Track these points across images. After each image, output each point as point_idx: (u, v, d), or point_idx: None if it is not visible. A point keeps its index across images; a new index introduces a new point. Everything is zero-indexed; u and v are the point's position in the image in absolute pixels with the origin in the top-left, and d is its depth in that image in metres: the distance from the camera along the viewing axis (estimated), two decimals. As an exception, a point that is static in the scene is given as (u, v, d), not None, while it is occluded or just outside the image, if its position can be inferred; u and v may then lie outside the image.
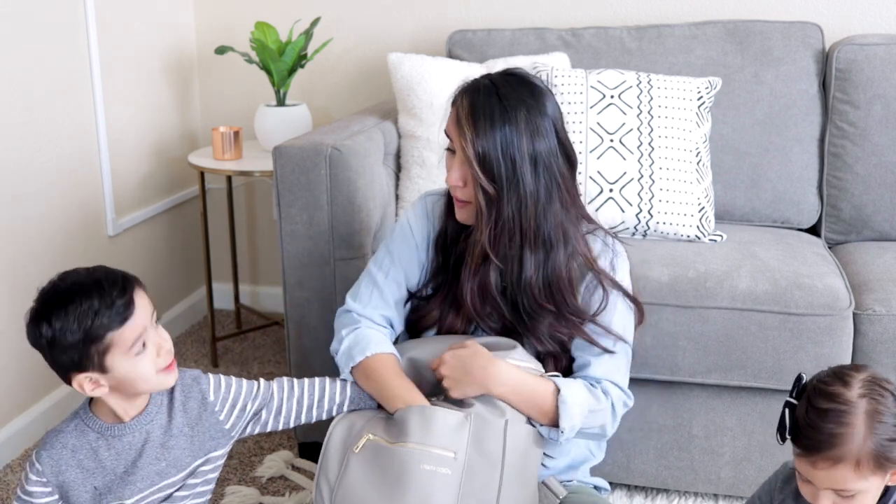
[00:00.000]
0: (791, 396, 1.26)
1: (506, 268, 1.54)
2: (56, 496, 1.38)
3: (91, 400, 1.40)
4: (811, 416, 1.21)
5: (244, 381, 1.50)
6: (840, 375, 1.23)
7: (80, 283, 1.30)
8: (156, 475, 1.40)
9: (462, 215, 1.57)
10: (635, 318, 1.63)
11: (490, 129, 1.47)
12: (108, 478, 1.38)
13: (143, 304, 1.33)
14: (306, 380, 1.55)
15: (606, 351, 1.55)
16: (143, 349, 1.32)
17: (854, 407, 1.19)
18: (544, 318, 1.55)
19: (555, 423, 1.50)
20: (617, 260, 1.60)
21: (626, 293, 1.59)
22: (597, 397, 1.53)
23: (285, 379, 1.54)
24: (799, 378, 1.26)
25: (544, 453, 1.56)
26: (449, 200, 1.63)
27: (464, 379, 1.48)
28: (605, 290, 1.56)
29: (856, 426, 1.18)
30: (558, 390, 1.49)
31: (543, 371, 1.54)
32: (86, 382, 1.32)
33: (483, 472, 1.41)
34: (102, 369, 1.31)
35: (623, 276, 1.60)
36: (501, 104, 1.48)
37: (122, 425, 1.39)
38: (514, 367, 1.49)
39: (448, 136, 1.54)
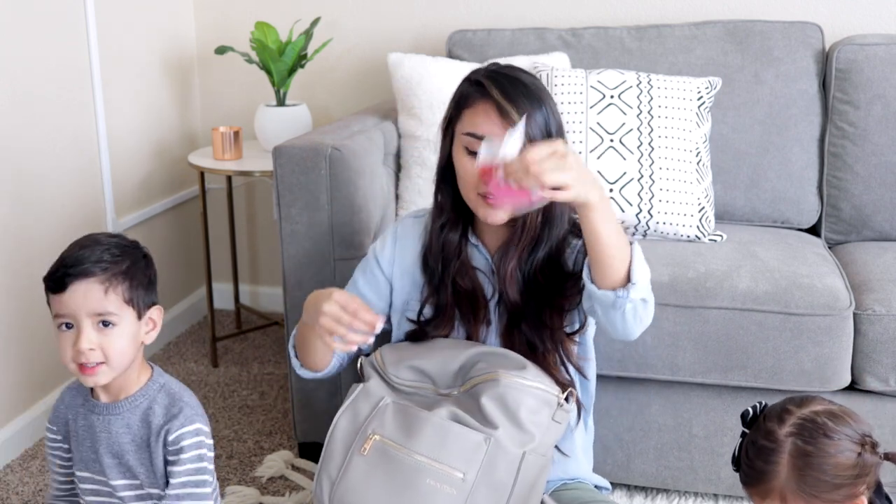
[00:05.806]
0: (744, 426, 1.27)
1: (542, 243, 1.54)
2: (61, 442, 1.43)
3: None
4: (748, 450, 1.24)
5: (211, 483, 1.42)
6: (781, 411, 1.23)
7: (96, 240, 1.34)
8: (108, 469, 1.38)
9: (498, 215, 1.50)
10: None
11: (535, 108, 1.47)
12: (77, 446, 1.40)
13: (87, 294, 1.28)
14: None
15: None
16: (65, 329, 1.31)
17: (780, 446, 1.20)
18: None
19: (617, 283, 1.42)
20: None
21: None
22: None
23: None
24: (745, 412, 1.27)
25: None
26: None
27: (586, 177, 1.32)
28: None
29: (780, 464, 1.19)
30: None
31: (559, 392, 1.48)
32: None
33: (488, 499, 1.40)
34: None
35: None
36: (526, 85, 1.49)
37: (95, 403, 1.39)
38: None
39: (475, 135, 1.49)
